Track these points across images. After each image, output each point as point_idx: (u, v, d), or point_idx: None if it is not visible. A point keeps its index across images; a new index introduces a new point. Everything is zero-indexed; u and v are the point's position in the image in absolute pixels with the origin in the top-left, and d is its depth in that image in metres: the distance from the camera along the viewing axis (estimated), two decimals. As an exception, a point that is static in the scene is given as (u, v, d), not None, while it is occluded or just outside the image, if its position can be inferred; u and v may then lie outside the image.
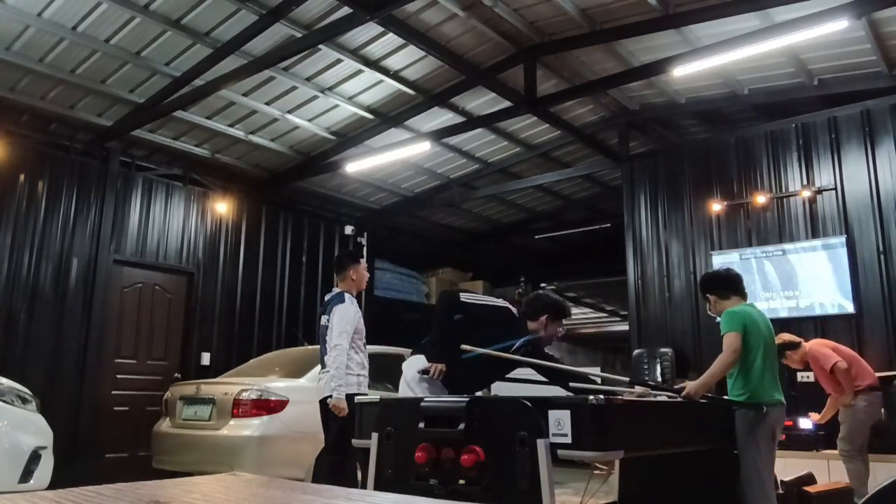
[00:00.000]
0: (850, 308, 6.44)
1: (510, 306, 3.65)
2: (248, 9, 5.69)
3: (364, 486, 3.38)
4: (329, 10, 5.77)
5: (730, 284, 3.89)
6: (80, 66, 6.23)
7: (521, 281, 13.40)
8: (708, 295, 3.91)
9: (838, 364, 5.07)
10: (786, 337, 5.32)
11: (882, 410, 5.45)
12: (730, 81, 7.09)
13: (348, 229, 9.93)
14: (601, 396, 1.97)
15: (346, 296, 4.52)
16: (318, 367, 5.25)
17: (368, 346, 4.66)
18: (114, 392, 7.20)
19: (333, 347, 4.31)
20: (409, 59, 6.70)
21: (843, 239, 6.65)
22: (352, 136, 7.98)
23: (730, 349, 3.55)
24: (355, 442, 2.92)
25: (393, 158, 8.09)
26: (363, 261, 4.83)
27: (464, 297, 3.54)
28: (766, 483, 3.45)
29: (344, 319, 4.37)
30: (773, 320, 6.78)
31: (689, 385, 3.49)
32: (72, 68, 6.25)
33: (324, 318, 4.54)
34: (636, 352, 7.64)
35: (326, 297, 4.69)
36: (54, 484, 4.16)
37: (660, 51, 6.45)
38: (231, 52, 6.01)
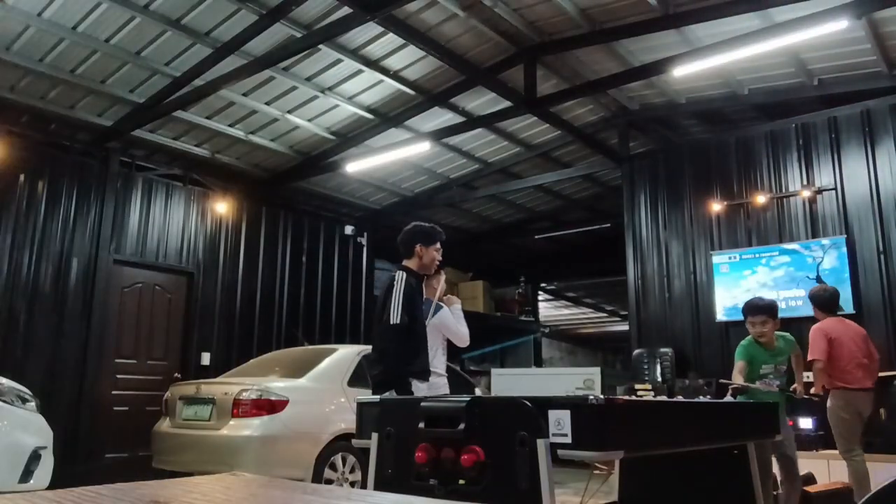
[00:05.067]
0: (849, 308, 6.43)
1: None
2: (248, 9, 5.69)
3: (364, 486, 3.38)
4: (329, 10, 5.77)
5: None
6: (80, 66, 6.23)
7: (521, 281, 13.42)
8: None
9: (815, 363, 4.83)
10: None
11: (881, 410, 5.42)
12: (730, 81, 7.09)
13: (348, 229, 9.93)
14: (601, 396, 1.97)
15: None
16: (318, 367, 5.25)
17: (365, 346, 4.65)
18: (114, 392, 7.20)
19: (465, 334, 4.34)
20: (409, 59, 6.70)
21: (843, 239, 6.65)
22: (352, 136, 7.99)
23: None
24: (355, 442, 2.91)
25: (393, 158, 8.09)
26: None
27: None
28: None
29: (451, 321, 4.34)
30: (773, 320, 6.87)
31: None
32: (72, 68, 6.26)
33: None
34: (636, 352, 7.64)
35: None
36: (54, 484, 4.16)
37: (660, 51, 6.45)
38: (231, 52, 6.01)
